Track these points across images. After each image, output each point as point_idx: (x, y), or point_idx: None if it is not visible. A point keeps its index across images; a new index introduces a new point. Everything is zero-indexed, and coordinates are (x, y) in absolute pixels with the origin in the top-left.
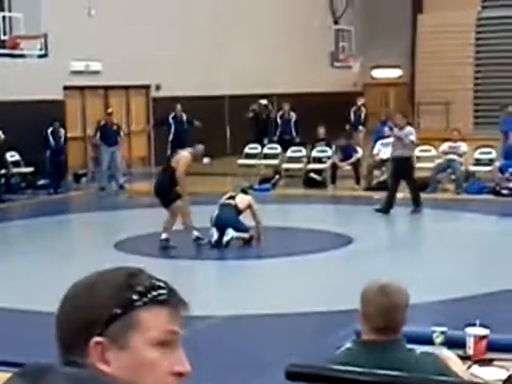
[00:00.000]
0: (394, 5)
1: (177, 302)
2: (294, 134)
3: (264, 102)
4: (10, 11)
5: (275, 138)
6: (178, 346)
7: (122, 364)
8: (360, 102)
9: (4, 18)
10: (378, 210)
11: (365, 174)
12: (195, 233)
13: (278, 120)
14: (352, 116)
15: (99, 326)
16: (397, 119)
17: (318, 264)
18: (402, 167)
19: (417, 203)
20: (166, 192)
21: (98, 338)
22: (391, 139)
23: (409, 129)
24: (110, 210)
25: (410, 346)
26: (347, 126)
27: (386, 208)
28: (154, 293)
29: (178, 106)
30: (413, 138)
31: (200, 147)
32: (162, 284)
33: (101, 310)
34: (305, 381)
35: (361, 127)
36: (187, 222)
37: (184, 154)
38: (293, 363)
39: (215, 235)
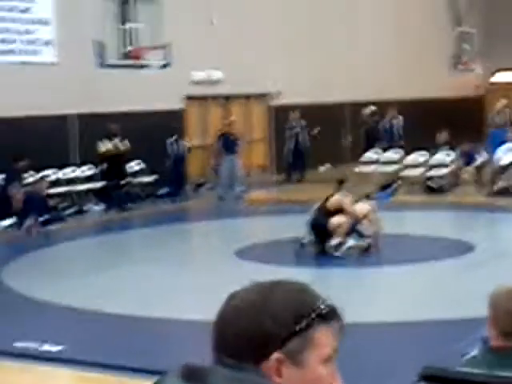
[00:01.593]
0: None
1: (338, 319)
2: (398, 139)
3: (371, 108)
4: (133, 22)
5: (384, 145)
6: (334, 362)
7: (293, 378)
8: (502, 103)
9: (128, 29)
10: None
11: (488, 179)
12: (336, 241)
13: (386, 126)
14: (496, 119)
15: (277, 341)
16: None
17: (439, 271)
18: None
19: None
20: (323, 229)
21: (278, 355)
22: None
23: None
24: (230, 218)
25: None
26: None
27: None
28: (324, 310)
29: (297, 114)
30: None
31: (345, 185)
32: (326, 300)
33: (279, 326)
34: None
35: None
36: (341, 231)
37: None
38: (428, 366)
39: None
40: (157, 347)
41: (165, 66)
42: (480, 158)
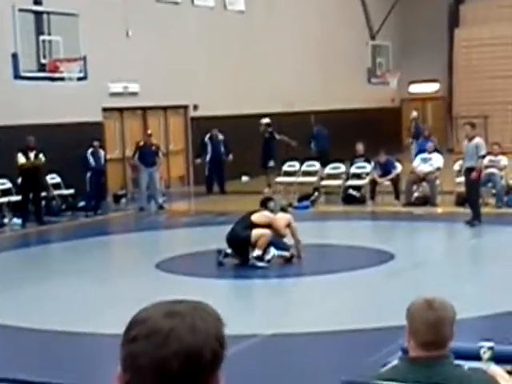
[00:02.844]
0: (430, 19)
1: None
2: (318, 149)
3: (266, 120)
4: (49, 35)
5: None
6: None
7: None
8: (412, 115)
9: (44, 41)
10: (467, 222)
11: (404, 189)
12: (259, 252)
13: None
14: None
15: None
16: (466, 130)
17: (359, 281)
18: (468, 177)
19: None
20: (245, 241)
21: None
22: (433, 154)
23: (477, 139)
24: (150, 230)
25: (457, 361)
26: (409, 139)
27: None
28: None
29: (215, 131)
30: (482, 148)
31: (271, 204)
32: None
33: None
34: None
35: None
36: (262, 243)
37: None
38: (346, 379)
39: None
40: (78, 362)
41: (81, 78)
42: (396, 169)
